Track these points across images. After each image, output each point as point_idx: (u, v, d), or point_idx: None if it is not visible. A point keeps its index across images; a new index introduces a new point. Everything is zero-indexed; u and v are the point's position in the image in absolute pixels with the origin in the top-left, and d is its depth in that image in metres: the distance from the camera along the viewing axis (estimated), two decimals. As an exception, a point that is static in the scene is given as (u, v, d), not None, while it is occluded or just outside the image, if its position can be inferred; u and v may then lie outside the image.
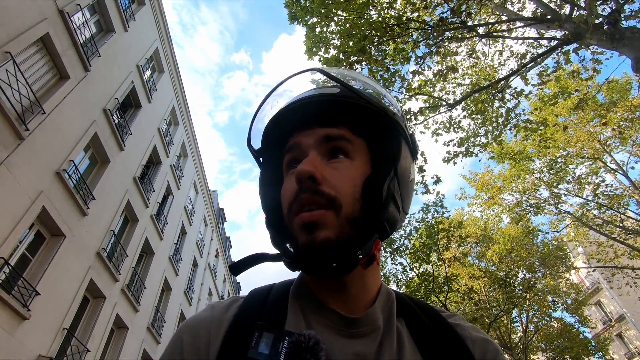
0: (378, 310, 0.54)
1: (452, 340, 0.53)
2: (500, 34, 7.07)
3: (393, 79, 7.03)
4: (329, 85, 0.60)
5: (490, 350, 0.54)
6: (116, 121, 9.81)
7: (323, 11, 6.96)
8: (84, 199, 8.21)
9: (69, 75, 7.80)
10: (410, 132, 0.60)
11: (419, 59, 6.92)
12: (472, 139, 8.26)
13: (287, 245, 0.54)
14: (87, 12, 8.87)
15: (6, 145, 6.10)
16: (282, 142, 0.59)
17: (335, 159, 0.53)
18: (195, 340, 0.52)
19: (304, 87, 0.61)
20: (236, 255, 38.16)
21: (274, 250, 0.56)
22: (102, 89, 9.23)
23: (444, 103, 7.56)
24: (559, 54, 6.39)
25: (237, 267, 0.55)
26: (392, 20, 6.77)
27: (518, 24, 6.65)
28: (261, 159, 0.65)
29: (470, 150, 8.18)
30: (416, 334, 0.53)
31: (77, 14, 8.24)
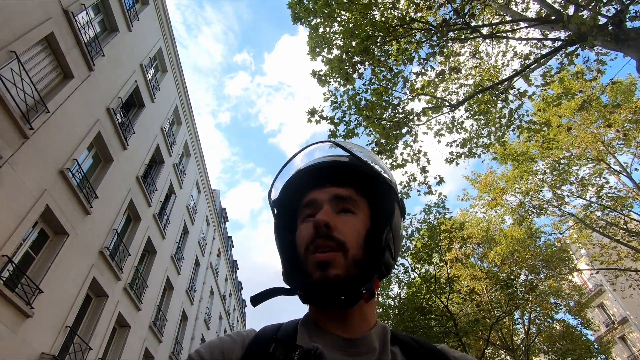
0: (374, 335, 0.63)
1: None
2: (503, 34, 7.05)
3: (396, 79, 7.02)
4: (340, 154, 0.75)
5: None
6: (119, 120, 9.86)
7: (326, 11, 6.96)
8: (87, 197, 8.25)
9: (73, 74, 7.85)
10: (400, 196, 0.73)
11: (422, 60, 6.92)
12: (475, 140, 8.24)
13: (300, 281, 0.63)
14: (91, 12, 8.92)
15: (10, 144, 6.14)
16: (297, 195, 0.72)
17: (343, 213, 0.65)
18: (223, 353, 0.63)
19: (319, 152, 0.76)
20: (238, 254, 38.15)
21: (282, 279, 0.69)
22: (106, 88, 9.28)
23: (447, 104, 7.55)
24: (563, 55, 6.37)
25: (257, 299, 0.66)
26: (395, 21, 6.76)
27: (522, 24, 6.63)
28: (276, 208, 0.76)
29: (473, 151, 8.16)
30: (410, 357, 0.62)
31: (82, 13, 8.29)
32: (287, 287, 0.65)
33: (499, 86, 7.02)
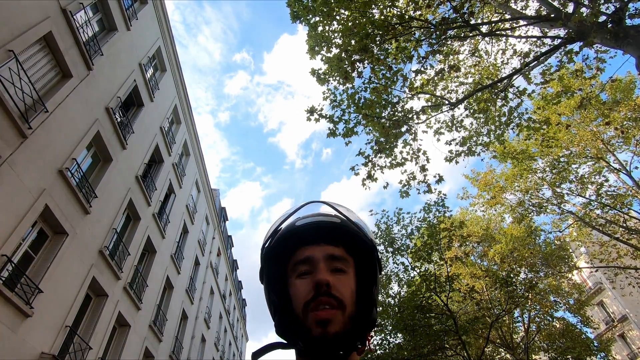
0: None
1: None
2: (503, 32, 7.04)
3: (395, 78, 7.01)
4: (330, 213, 0.81)
5: None
6: (118, 120, 9.84)
7: (325, 10, 6.95)
8: (87, 197, 8.24)
9: (72, 73, 7.83)
10: (378, 255, 0.81)
11: (421, 58, 6.90)
12: (474, 138, 8.24)
13: (295, 334, 0.67)
14: (89, 11, 8.89)
15: (9, 144, 6.12)
16: (290, 249, 0.76)
17: (337, 272, 0.71)
18: None
19: (310, 210, 0.81)
20: (238, 254, 38.22)
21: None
22: (105, 87, 9.26)
23: (447, 102, 7.54)
24: (562, 52, 6.36)
25: (258, 353, 0.69)
26: (394, 19, 6.74)
27: (521, 22, 6.62)
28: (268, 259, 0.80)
29: (473, 149, 8.15)
30: None
31: (80, 12, 8.26)
32: (284, 341, 0.69)
33: (499, 84, 7.01)
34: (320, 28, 7.35)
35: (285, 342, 0.69)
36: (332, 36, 7.32)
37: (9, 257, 6.01)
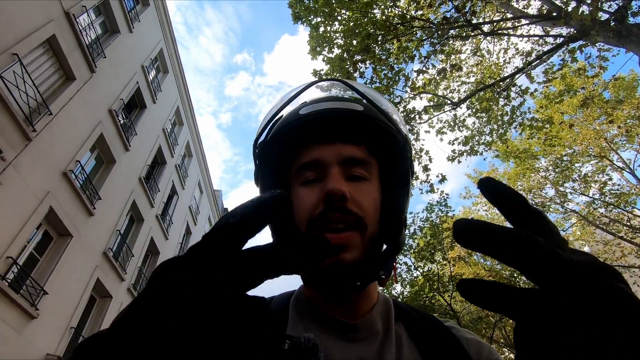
0: (376, 316, 0.55)
1: (449, 341, 0.54)
2: (505, 31, 7.03)
3: (397, 78, 7.01)
4: (347, 98, 0.59)
5: (484, 350, 0.55)
6: (121, 122, 9.88)
7: (327, 10, 6.96)
8: (91, 199, 8.29)
9: (75, 76, 7.87)
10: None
11: (423, 58, 6.90)
12: (477, 138, 8.23)
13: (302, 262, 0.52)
14: (92, 14, 8.94)
15: (14, 146, 6.16)
16: (290, 148, 0.58)
17: (356, 179, 0.53)
18: None
19: (320, 93, 0.61)
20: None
21: None
22: (108, 89, 9.30)
23: (449, 102, 7.53)
24: (565, 51, 6.34)
25: None
26: (396, 19, 6.75)
27: (523, 21, 6.61)
28: (262, 162, 0.61)
29: (475, 149, 8.14)
30: (415, 336, 0.54)
31: (83, 15, 8.31)
32: None
33: (501, 83, 7.00)
34: (321, 29, 7.36)
35: None
36: (334, 37, 7.32)
37: (15, 259, 6.04)
